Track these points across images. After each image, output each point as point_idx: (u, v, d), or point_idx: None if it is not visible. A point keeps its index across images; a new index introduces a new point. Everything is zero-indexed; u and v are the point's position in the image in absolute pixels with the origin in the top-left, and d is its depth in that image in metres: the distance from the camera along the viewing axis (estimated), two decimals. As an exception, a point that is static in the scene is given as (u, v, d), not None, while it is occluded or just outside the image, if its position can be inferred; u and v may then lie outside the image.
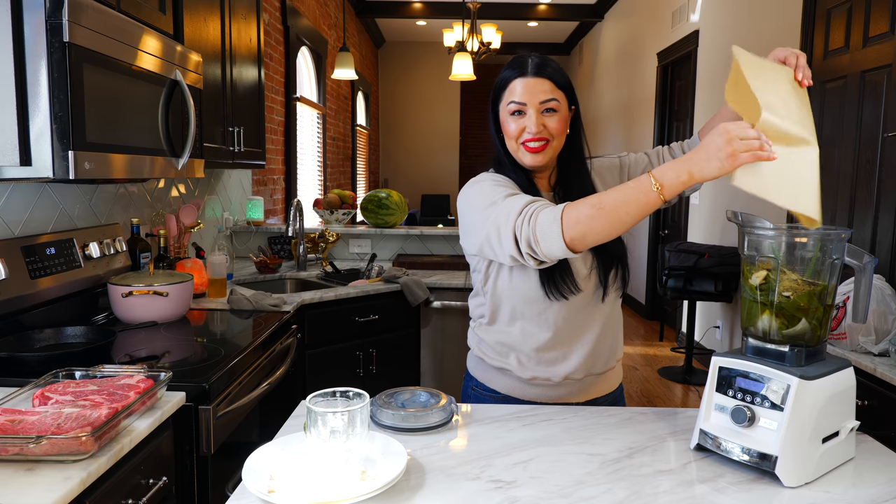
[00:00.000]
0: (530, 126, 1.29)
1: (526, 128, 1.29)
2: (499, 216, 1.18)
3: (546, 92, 1.29)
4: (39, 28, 1.34)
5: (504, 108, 1.33)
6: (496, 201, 1.21)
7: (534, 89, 1.29)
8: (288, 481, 0.92)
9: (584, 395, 1.40)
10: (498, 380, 1.41)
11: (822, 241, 1.02)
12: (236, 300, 2.20)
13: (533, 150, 1.30)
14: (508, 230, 1.16)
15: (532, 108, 1.29)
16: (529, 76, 1.29)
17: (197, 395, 1.43)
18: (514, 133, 1.31)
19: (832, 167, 2.90)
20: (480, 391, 1.44)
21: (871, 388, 1.80)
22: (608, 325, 1.39)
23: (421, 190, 9.88)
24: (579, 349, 1.36)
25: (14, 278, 1.63)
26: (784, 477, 0.97)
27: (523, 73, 1.30)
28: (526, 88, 1.29)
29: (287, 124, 4.60)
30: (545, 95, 1.29)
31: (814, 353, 1.04)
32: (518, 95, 1.29)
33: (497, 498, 0.94)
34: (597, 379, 1.41)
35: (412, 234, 3.46)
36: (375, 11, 7.66)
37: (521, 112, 1.30)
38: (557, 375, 1.36)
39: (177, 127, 1.87)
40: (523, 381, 1.38)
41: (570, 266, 1.31)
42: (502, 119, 1.34)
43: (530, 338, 1.35)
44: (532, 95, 1.29)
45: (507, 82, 1.32)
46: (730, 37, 4.17)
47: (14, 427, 1.03)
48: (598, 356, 1.38)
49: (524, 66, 1.31)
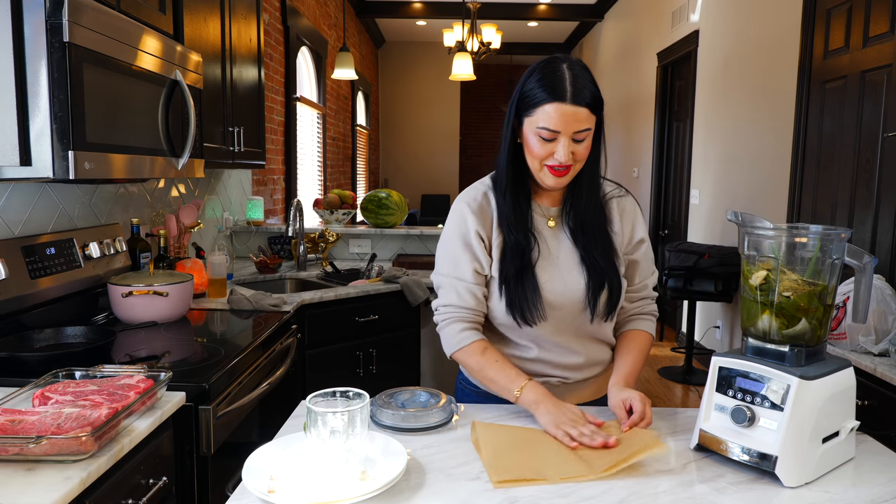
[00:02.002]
0: (559, 154, 1.20)
1: (554, 153, 1.21)
2: (438, 286, 1.36)
3: (581, 122, 1.19)
4: (39, 28, 1.34)
5: (532, 126, 1.22)
6: (440, 271, 1.35)
7: (570, 119, 1.19)
8: (288, 481, 0.92)
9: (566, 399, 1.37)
10: None
11: (822, 241, 1.02)
12: (236, 300, 2.20)
13: (557, 175, 1.23)
14: (435, 307, 1.37)
15: (565, 138, 1.20)
16: (568, 104, 1.18)
17: (197, 395, 1.43)
18: (541, 155, 1.23)
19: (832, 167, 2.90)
20: (466, 385, 1.45)
21: (871, 388, 1.80)
22: (596, 344, 1.37)
23: (421, 190, 9.88)
24: (561, 366, 1.35)
25: (14, 278, 1.63)
26: (784, 477, 0.97)
27: (561, 98, 1.18)
28: (562, 118, 1.19)
29: (287, 124, 4.60)
30: (580, 126, 1.20)
31: (814, 353, 1.04)
32: (553, 124, 1.19)
33: (497, 498, 0.94)
34: (579, 386, 1.38)
35: (412, 234, 3.46)
36: (375, 11, 7.66)
37: (553, 139, 1.21)
38: (535, 378, 1.33)
39: (177, 127, 1.87)
40: None
41: (539, 294, 1.27)
42: (526, 135, 1.24)
43: (515, 349, 1.35)
44: (567, 125, 1.19)
45: (540, 104, 1.20)
46: (730, 37, 4.17)
47: (14, 427, 1.03)
48: (581, 371, 1.37)
49: (562, 90, 1.19)
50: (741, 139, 3.99)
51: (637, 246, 1.37)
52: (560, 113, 1.19)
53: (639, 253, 1.37)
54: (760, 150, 3.72)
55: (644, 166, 5.91)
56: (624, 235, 1.35)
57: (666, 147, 5.46)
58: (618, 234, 1.34)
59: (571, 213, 1.33)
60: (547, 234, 1.33)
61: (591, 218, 1.32)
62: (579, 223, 1.32)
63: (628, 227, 1.36)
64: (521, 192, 1.32)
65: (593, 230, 1.31)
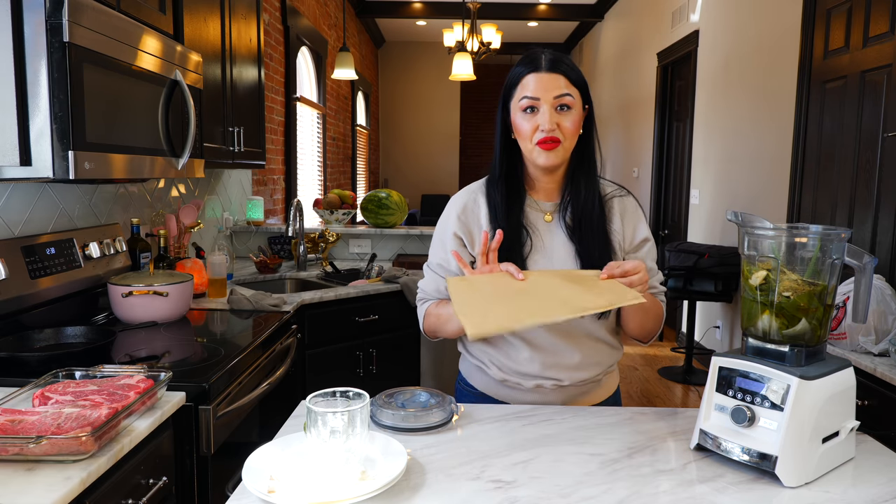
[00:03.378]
0: (543, 123, 1.24)
1: (539, 125, 1.25)
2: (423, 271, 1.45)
3: (560, 87, 1.24)
4: (39, 28, 1.34)
5: (516, 106, 1.28)
6: (429, 264, 1.42)
7: (547, 84, 1.24)
8: (288, 481, 0.92)
9: (563, 404, 1.36)
10: (476, 376, 1.41)
11: (822, 241, 1.02)
12: (236, 300, 2.20)
13: (547, 148, 1.25)
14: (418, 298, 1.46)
15: (546, 104, 1.24)
16: (543, 71, 1.25)
17: (197, 395, 1.43)
18: (528, 132, 1.26)
19: (832, 167, 2.90)
20: (462, 385, 1.45)
21: (871, 388, 1.80)
22: (592, 342, 1.34)
23: (421, 190, 9.88)
24: (555, 366, 1.33)
25: (14, 278, 1.63)
26: (784, 477, 0.97)
27: (536, 68, 1.26)
28: (539, 83, 1.25)
29: (287, 124, 4.60)
30: (559, 90, 1.24)
31: (814, 353, 1.04)
32: (531, 90, 1.25)
33: (497, 498, 0.94)
34: (576, 390, 1.36)
35: (412, 234, 3.46)
36: (375, 11, 7.66)
37: (534, 109, 1.25)
38: (529, 382, 1.34)
39: (177, 127, 1.87)
40: (497, 382, 1.37)
41: None
42: (514, 119, 1.29)
43: (510, 348, 1.34)
44: (546, 91, 1.24)
45: (520, 78, 1.27)
46: (730, 37, 4.17)
47: (14, 427, 1.03)
48: (576, 371, 1.34)
49: (537, 61, 1.26)
50: (741, 139, 3.99)
51: (640, 245, 1.37)
52: (537, 80, 1.26)
53: (642, 252, 1.37)
54: (760, 150, 3.72)
55: (644, 166, 5.91)
56: (625, 235, 1.35)
57: (666, 147, 5.46)
58: (617, 232, 1.34)
59: (569, 208, 1.33)
60: (542, 229, 1.34)
61: (589, 214, 1.32)
62: (577, 219, 1.32)
63: (630, 227, 1.36)
64: (514, 187, 1.34)
65: (591, 226, 1.32)
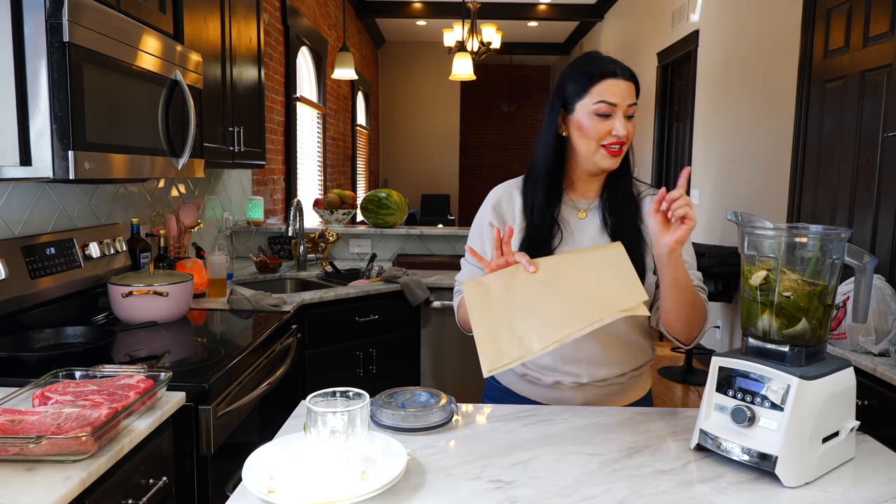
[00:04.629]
0: (618, 129, 1.26)
1: (613, 130, 1.27)
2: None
3: (633, 97, 1.28)
4: (39, 28, 1.34)
5: (587, 107, 1.28)
6: (465, 257, 1.40)
7: (624, 92, 1.27)
8: (288, 481, 0.92)
9: (585, 404, 1.36)
10: (500, 372, 1.41)
11: (822, 241, 1.01)
12: (236, 300, 2.20)
13: (614, 154, 1.29)
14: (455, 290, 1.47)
15: (620, 111, 1.27)
16: (621, 78, 1.27)
17: (197, 395, 1.43)
18: (599, 134, 1.28)
19: (832, 167, 2.90)
20: (490, 380, 1.47)
21: (871, 388, 1.80)
22: (616, 339, 1.34)
23: (421, 190, 9.88)
24: (576, 360, 1.33)
25: (14, 278, 1.63)
26: (784, 477, 0.97)
27: (614, 74, 1.27)
28: (618, 90, 1.26)
29: (287, 124, 4.60)
30: (632, 100, 1.28)
31: (814, 353, 1.04)
32: (610, 96, 1.26)
33: (497, 498, 0.94)
34: (597, 388, 1.36)
35: (412, 234, 3.46)
36: (375, 11, 7.66)
37: (609, 115, 1.27)
38: (548, 377, 1.35)
39: (177, 127, 1.87)
40: (518, 377, 1.39)
41: None
42: (580, 119, 1.29)
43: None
44: (623, 98, 1.27)
45: (595, 81, 1.27)
46: (730, 37, 4.17)
47: (14, 427, 1.03)
48: (596, 368, 1.34)
49: (613, 67, 1.28)
50: (741, 139, 3.99)
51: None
52: (616, 86, 1.27)
53: None
54: (760, 150, 3.72)
55: (644, 166, 5.91)
56: None
57: (666, 147, 5.46)
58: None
59: (607, 203, 1.36)
60: (573, 225, 1.36)
61: (623, 210, 1.34)
62: (613, 216, 1.35)
63: None
64: (555, 184, 1.37)
65: (624, 222, 1.33)
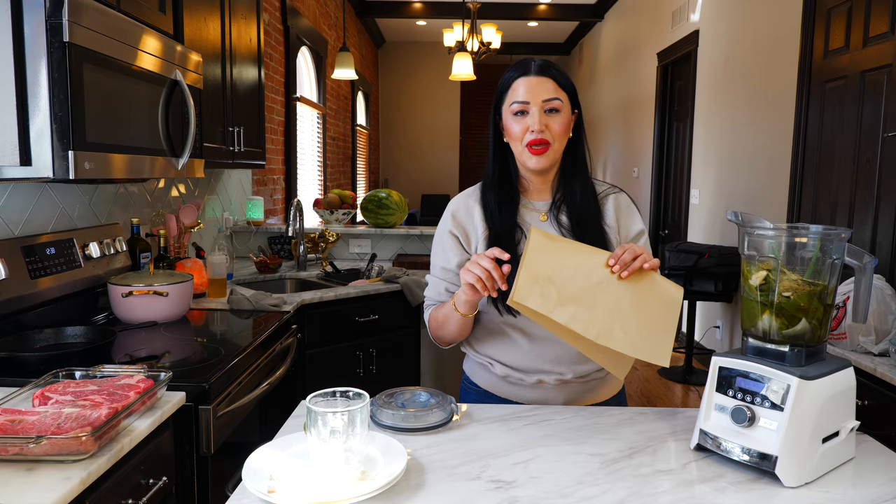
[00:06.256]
0: (533, 124, 1.28)
1: (529, 127, 1.29)
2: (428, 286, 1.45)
3: (549, 91, 1.29)
4: (39, 28, 1.34)
5: (507, 110, 1.33)
6: (431, 271, 1.43)
7: (537, 88, 1.29)
8: (288, 481, 0.92)
9: (566, 402, 1.37)
10: (479, 374, 1.42)
11: (822, 241, 1.02)
12: (236, 300, 2.20)
13: (536, 153, 1.30)
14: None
15: (535, 107, 1.29)
16: (532, 75, 1.30)
17: (197, 395, 1.43)
18: (518, 134, 1.31)
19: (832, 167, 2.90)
20: (467, 384, 1.46)
21: (871, 388, 1.80)
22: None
23: (421, 190, 9.88)
24: (556, 359, 1.33)
25: (14, 278, 1.63)
26: (784, 477, 0.97)
27: (526, 72, 1.31)
28: (528, 87, 1.30)
29: (287, 124, 4.60)
30: (548, 94, 1.29)
31: (814, 353, 1.04)
32: (521, 95, 1.30)
33: (497, 498, 0.94)
34: (580, 385, 1.37)
35: (412, 234, 3.46)
36: (375, 11, 7.65)
37: (524, 112, 1.30)
38: (531, 378, 1.34)
39: (177, 127, 1.87)
40: (499, 379, 1.38)
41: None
42: (505, 122, 1.34)
43: (509, 341, 1.35)
44: (535, 94, 1.29)
45: (510, 83, 1.33)
46: (730, 37, 4.17)
47: (14, 427, 1.03)
48: (578, 364, 1.34)
49: (526, 66, 1.32)
50: (741, 139, 3.99)
51: (637, 237, 1.39)
52: (526, 83, 1.30)
53: (640, 243, 1.39)
54: (760, 149, 3.72)
55: (644, 166, 5.91)
56: (621, 230, 1.38)
57: (666, 147, 5.46)
58: (612, 228, 1.37)
59: (563, 206, 1.36)
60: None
61: (586, 213, 1.35)
62: (575, 218, 1.34)
63: (625, 222, 1.39)
64: (508, 189, 1.38)
65: (589, 224, 1.34)
